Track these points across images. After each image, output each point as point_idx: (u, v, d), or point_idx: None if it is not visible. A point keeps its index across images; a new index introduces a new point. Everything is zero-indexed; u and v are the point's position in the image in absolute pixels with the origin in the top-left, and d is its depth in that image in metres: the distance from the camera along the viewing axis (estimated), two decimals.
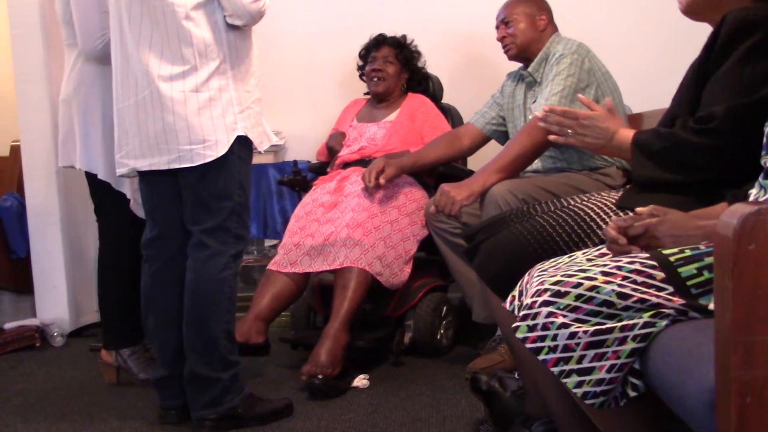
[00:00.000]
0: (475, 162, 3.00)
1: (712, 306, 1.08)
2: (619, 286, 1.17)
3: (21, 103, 3.27)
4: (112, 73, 2.16)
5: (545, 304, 1.20)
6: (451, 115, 3.25)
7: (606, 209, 1.76)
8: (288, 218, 2.96)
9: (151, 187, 2.17)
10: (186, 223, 2.14)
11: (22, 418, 2.33)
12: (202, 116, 2.03)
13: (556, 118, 1.81)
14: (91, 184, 2.59)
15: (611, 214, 1.73)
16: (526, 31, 2.67)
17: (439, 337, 2.80)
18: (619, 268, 1.19)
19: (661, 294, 1.15)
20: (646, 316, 1.15)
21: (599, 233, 1.69)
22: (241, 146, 2.10)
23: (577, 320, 1.18)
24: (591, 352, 1.16)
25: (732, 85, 1.48)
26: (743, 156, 1.39)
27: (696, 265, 1.16)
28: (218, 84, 2.04)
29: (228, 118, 2.06)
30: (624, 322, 1.15)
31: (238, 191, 2.11)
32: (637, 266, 1.18)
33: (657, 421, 1.26)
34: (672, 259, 1.18)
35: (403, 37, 3.20)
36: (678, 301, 1.14)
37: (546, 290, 1.21)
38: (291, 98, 3.67)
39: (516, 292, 1.44)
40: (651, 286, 1.16)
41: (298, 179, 3.11)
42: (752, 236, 0.84)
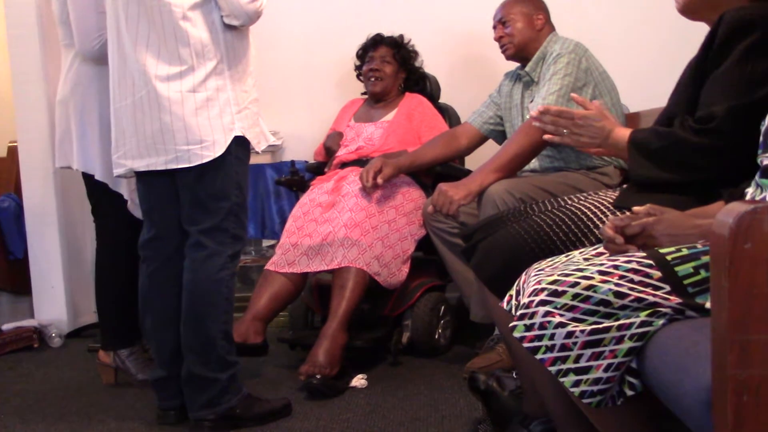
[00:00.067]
0: (472, 161, 3.00)
1: (709, 305, 1.08)
2: (616, 285, 1.17)
3: (18, 104, 3.27)
4: (109, 74, 2.15)
5: (542, 303, 1.20)
6: (449, 115, 3.25)
7: (603, 208, 1.76)
8: (286, 218, 2.95)
9: (149, 187, 2.17)
10: (183, 224, 2.13)
11: (20, 419, 2.33)
12: (200, 116, 2.02)
13: (551, 118, 1.81)
14: (88, 184, 2.59)
15: (608, 214, 1.73)
16: (524, 30, 2.67)
17: (437, 337, 2.80)
18: (616, 267, 1.19)
19: (658, 293, 1.15)
20: (643, 315, 1.15)
21: (596, 232, 1.69)
22: (239, 146, 2.10)
23: (574, 319, 1.18)
24: (588, 351, 1.16)
25: (731, 85, 1.48)
26: (742, 156, 1.40)
27: (693, 264, 1.16)
28: (215, 84, 2.04)
29: (225, 119, 2.06)
30: (621, 321, 1.16)
31: (236, 191, 2.11)
32: (634, 265, 1.18)
33: (654, 420, 1.27)
34: (669, 258, 1.18)
35: (401, 36, 3.20)
36: (675, 300, 1.15)
37: (543, 289, 1.21)
38: (288, 98, 3.67)
39: (513, 292, 1.44)
40: (648, 285, 1.16)
41: (296, 179, 3.11)
42: (748, 235, 0.84)
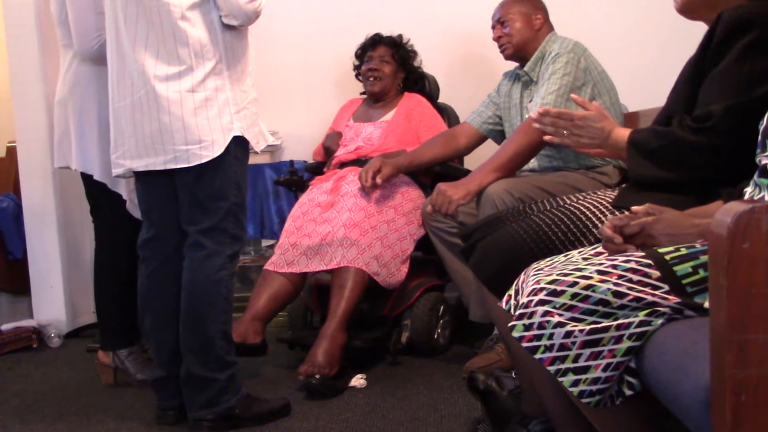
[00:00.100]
0: (471, 161, 3.01)
1: (708, 304, 1.08)
2: (615, 284, 1.17)
3: (17, 104, 3.27)
4: (107, 74, 2.15)
5: (541, 303, 1.20)
6: (448, 115, 3.25)
7: (602, 208, 1.76)
8: (285, 218, 2.95)
9: (148, 187, 2.17)
10: (182, 224, 2.13)
11: (19, 419, 2.33)
12: (198, 116, 2.02)
13: (551, 120, 1.81)
14: (86, 185, 2.59)
15: (607, 213, 1.73)
16: (522, 30, 2.67)
17: (436, 337, 2.80)
18: (615, 266, 1.19)
19: (656, 292, 1.15)
20: (641, 315, 1.15)
21: (595, 232, 1.69)
22: (238, 146, 2.10)
23: (573, 319, 1.18)
24: (587, 351, 1.16)
25: (729, 83, 1.48)
26: (740, 155, 1.40)
27: (691, 263, 1.16)
28: (214, 84, 2.04)
29: (224, 119, 2.05)
30: (620, 321, 1.16)
31: (235, 191, 2.11)
32: (633, 265, 1.19)
33: (653, 420, 1.27)
34: (667, 257, 1.18)
35: (399, 36, 3.20)
36: (673, 299, 1.15)
37: (542, 289, 1.21)
38: (287, 98, 3.67)
39: (512, 291, 1.44)
40: (646, 285, 1.16)
41: (295, 179, 3.11)
42: (746, 234, 0.84)
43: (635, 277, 1.17)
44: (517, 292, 1.42)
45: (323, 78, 3.69)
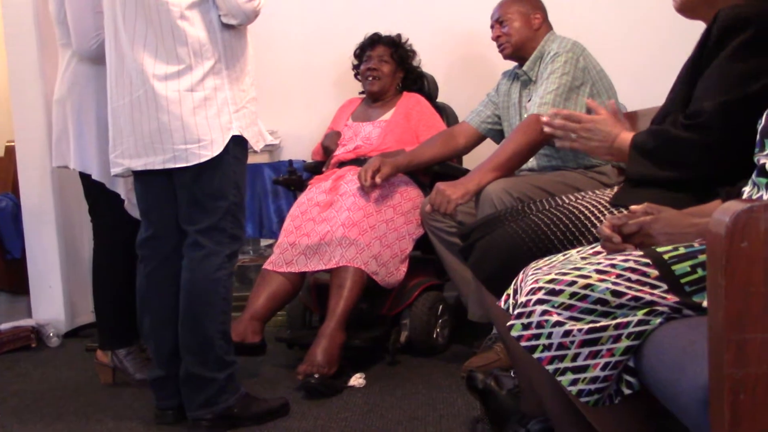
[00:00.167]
0: (470, 161, 3.00)
1: (706, 303, 1.08)
2: (614, 284, 1.17)
3: (15, 103, 3.27)
4: (106, 73, 2.15)
5: (540, 302, 1.20)
6: (447, 114, 3.25)
7: (600, 207, 1.76)
8: (283, 218, 2.96)
9: (146, 186, 2.17)
10: (181, 223, 2.13)
11: (17, 419, 2.33)
12: (197, 116, 2.02)
13: (560, 122, 1.80)
14: (85, 184, 2.59)
15: (606, 213, 1.73)
16: (521, 30, 2.67)
17: (435, 336, 2.80)
18: (614, 266, 1.19)
19: (655, 292, 1.15)
20: (640, 314, 1.15)
21: (594, 231, 1.69)
22: (237, 146, 2.10)
23: (571, 318, 1.18)
24: (585, 350, 1.16)
25: (722, 80, 1.48)
26: (733, 152, 1.40)
27: (690, 262, 1.16)
28: (213, 83, 2.04)
29: (223, 118, 2.05)
30: (618, 320, 1.16)
31: (234, 191, 2.11)
32: (631, 264, 1.19)
33: (651, 419, 1.27)
34: (666, 256, 1.18)
35: (398, 36, 3.20)
36: (672, 298, 1.15)
37: (540, 288, 1.21)
38: (286, 98, 3.67)
39: (511, 291, 1.44)
40: (645, 284, 1.16)
41: (294, 179, 3.11)
42: (744, 234, 0.84)
43: (634, 277, 1.17)
44: (515, 292, 1.42)
45: (322, 77, 3.69)
